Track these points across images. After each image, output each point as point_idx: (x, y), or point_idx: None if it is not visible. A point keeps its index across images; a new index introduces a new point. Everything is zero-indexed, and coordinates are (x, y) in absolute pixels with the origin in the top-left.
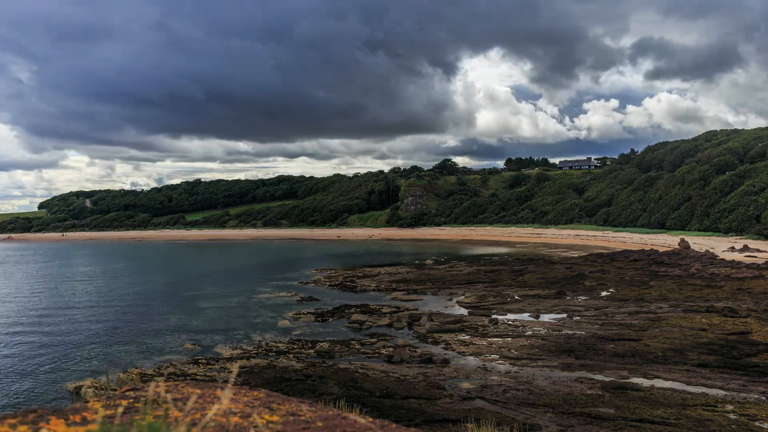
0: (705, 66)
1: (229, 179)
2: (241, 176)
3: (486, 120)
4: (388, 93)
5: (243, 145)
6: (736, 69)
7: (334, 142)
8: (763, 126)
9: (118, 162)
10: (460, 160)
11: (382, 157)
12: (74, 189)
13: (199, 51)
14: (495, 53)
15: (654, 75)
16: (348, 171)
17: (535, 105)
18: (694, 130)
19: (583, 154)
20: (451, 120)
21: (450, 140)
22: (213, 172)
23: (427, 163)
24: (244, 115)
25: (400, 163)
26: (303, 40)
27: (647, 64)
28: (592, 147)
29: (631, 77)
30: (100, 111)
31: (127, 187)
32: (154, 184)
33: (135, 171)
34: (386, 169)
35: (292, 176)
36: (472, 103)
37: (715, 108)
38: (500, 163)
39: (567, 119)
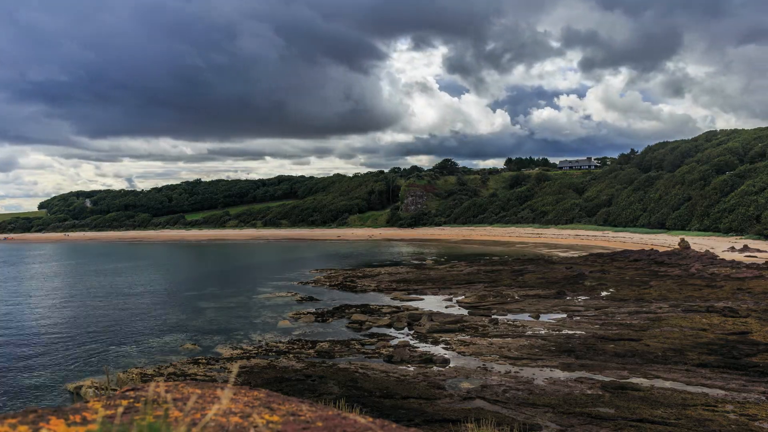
0: (642, 56)
1: (229, 179)
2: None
3: (425, 116)
4: (314, 90)
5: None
6: (673, 58)
7: (261, 142)
8: (763, 126)
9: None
10: (414, 160)
11: (323, 154)
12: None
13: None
14: (427, 46)
15: (588, 66)
16: (281, 172)
17: (466, 98)
18: (641, 126)
19: (535, 152)
20: (389, 118)
21: (392, 138)
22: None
23: (378, 161)
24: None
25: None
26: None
27: (579, 55)
28: (547, 144)
29: (565, 68)
30: None
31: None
32: None
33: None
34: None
35: (292, 176)
36: (409, 99)
37: (656, 98)
38: (424, 161)
39: (504, 113)
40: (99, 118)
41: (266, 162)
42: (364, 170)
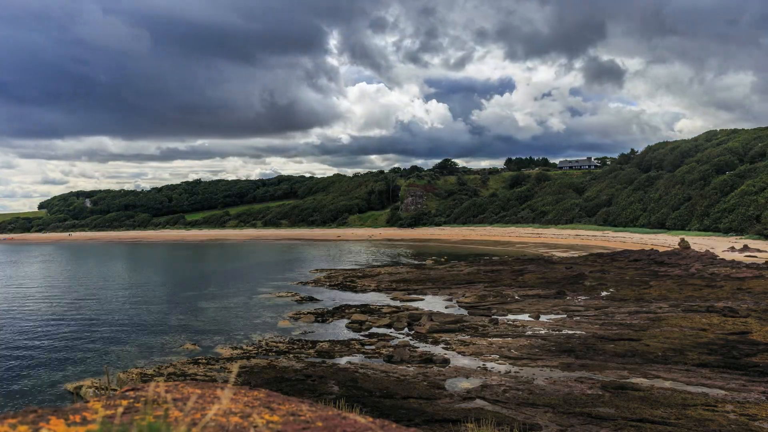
0: (566, 46)
1: (229, 179)
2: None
3: (358, 114)
4: (232, 88)
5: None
6: (598, 48)
7: (205, 143)
8: (763, 126)
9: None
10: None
11: (255, 156)
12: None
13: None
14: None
15: (514, 57)
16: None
17: (399, 94)
18: (576, 121)
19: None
20: (323, 116)
21: (321, 138)
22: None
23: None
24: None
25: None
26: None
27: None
28: (499, 141)
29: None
30: None
31: None
32: None
33: None
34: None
35: (292, 176)
36: (339, 96)
37: (587, 86)
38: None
39: (442, 107)
40: None
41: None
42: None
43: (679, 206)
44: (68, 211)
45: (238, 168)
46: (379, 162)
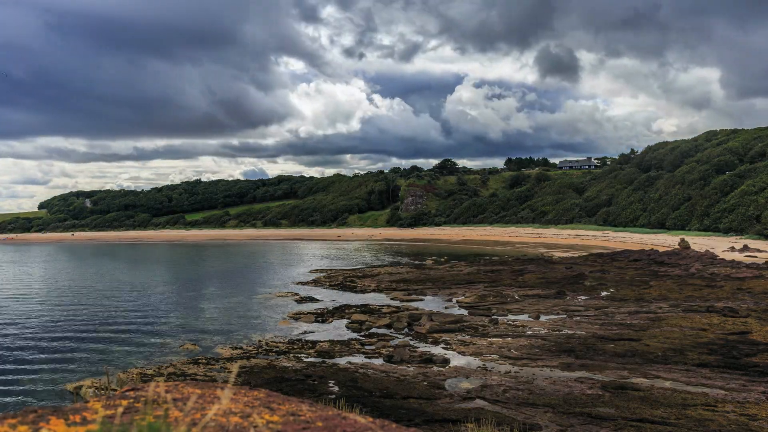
0: (520, 39)
1: (229, 179)
2: None
3: (309, 111)
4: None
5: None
6: (553, 42)
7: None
8: (763, 126)
9: None
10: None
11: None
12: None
13: None
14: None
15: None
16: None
17: (354, 89)
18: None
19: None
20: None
21: (269, 139)
22: None
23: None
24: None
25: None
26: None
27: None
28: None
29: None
30: None
31: None
32: None
33: None
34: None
35: (292, 176)
36: (289, 93)
37: (533, 76)
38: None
39: (403, 104)
40: None
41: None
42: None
43: (679, 206)
44: (68, 211)
45: (183, 170)
46: (354, 162)
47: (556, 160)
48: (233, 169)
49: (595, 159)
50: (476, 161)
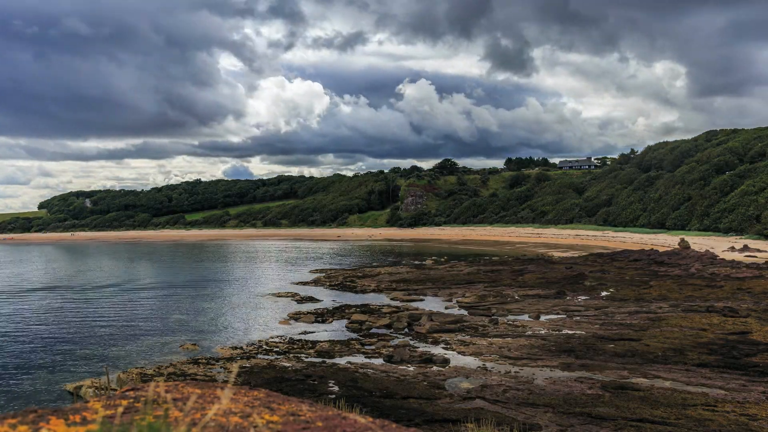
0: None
1: (229, 179)
2: None
3: (257, 108)
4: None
5: None
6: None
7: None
8: (763, 126)
9: None
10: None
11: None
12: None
13: None
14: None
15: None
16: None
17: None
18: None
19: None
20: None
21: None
22: None
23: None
24: None
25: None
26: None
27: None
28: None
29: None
30: None
31: None
32: None
33: None
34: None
35: (292, 176)
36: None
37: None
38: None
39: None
40: None
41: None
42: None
43: (679, 206)
44: (68, 211)
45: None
46: (328, 161)
47: (556, 160)
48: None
49: (595, 159)
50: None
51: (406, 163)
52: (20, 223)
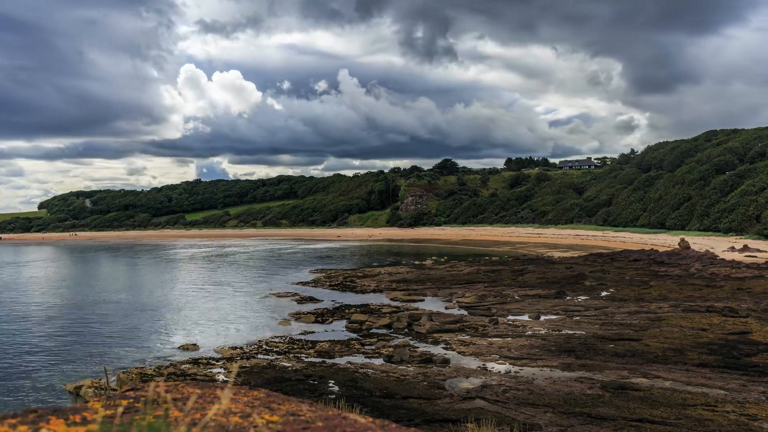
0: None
1: (229, 179)
2: None
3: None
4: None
5: None
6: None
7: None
8: (763, 126)
9: None
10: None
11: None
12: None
13: None
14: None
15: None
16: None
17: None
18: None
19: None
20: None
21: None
22: None
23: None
24: None
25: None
26: None
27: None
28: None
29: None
30: None
31: None
32: None
33: None
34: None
35: (292, 176)
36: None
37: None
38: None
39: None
40: None
41: None
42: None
43: (679, 206)
44: (68, 211)
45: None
46: (286, 160)
47: (555, 160)
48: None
49: (595, 159)
50: (395, 160)
51: (369, 164)
52: (20, 223)
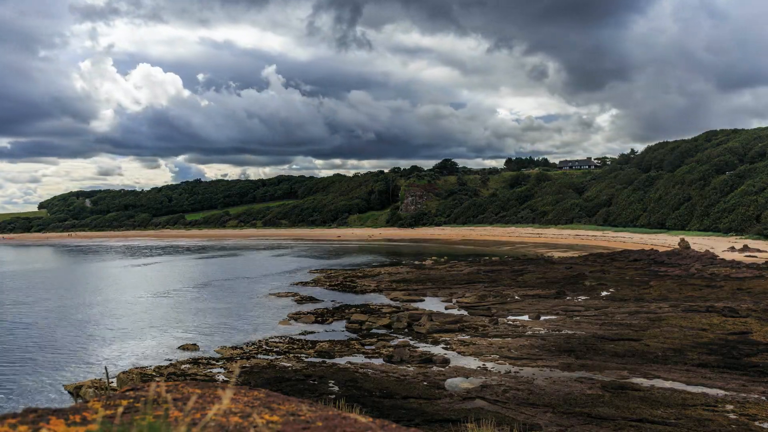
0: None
1: (229, 179)
2: None
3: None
4: None
5: None
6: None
7: None
8: (764, 126)
9: None
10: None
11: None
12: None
13: None
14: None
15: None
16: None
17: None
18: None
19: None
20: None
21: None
22: None
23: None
24: None
25: None
26: None
27: None
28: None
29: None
30: None
31: None
32: None
33: None
34: None
35: (292, 176)
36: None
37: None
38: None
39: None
40: None
41: None
42: None
43: (679, 206)
44: (68, 211)
45: None
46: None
47: (555, 160)
48: None
49: (595, 159)
50: (322, 159)
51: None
52: (20, 223)
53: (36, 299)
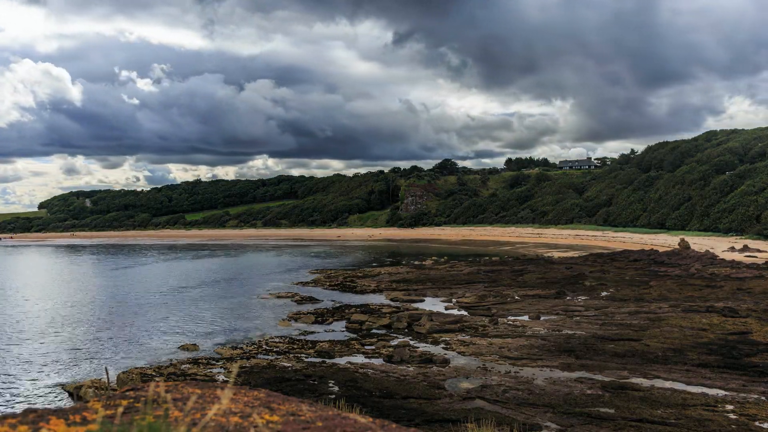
0: None
1: (229, 179)
2: None
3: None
4: None
5: None
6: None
7: None
8: (764, 126)
9: None
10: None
11: None
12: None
13: None
14: None
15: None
16: None
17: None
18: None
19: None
20: None
21: None
22: None
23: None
24: None
25: None
26: None
27: None
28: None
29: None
30: None
31: None
32: None
33: None
34: None
35: (292, 176)
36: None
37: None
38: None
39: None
40: None
41: None
42: None
43: (679, 206)
44: (68, 211)
45: None
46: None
47: (556, 160)
48: None
49: (595, 159)
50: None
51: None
52: (20, 223)
53: (33, 299)
